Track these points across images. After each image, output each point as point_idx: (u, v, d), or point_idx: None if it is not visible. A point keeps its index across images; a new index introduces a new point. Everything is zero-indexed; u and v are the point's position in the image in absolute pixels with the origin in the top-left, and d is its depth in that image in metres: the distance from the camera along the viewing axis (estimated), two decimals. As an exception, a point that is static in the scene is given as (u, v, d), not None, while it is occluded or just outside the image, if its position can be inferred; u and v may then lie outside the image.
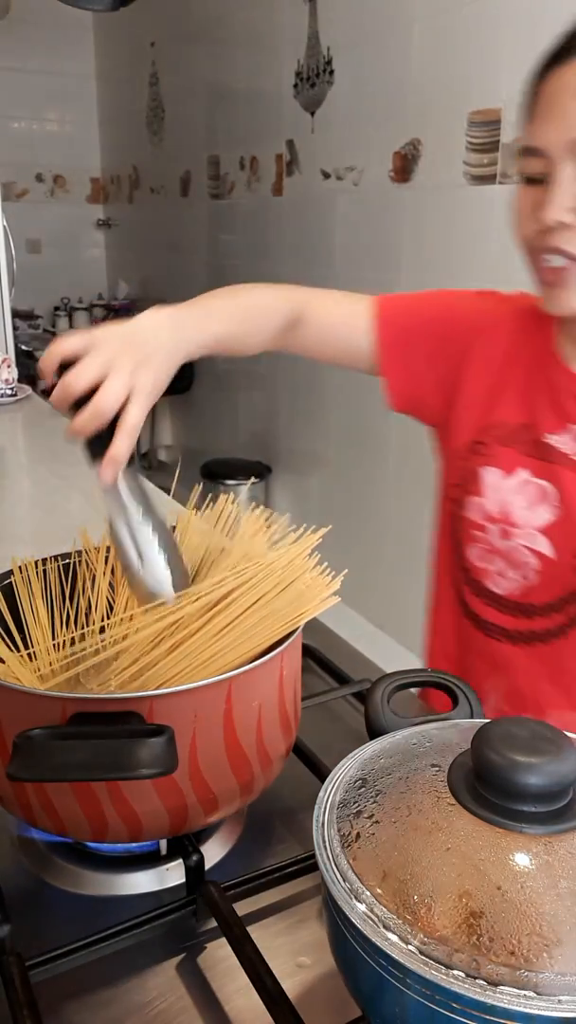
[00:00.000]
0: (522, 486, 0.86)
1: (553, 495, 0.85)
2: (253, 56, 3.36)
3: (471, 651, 0.94)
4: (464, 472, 0.91)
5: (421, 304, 0.97)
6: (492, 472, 0.88)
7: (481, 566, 0.90)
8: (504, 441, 0.89)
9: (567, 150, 0.73)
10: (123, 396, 0.65)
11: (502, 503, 0.87)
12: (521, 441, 0.88)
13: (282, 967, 0.54)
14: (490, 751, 0.43)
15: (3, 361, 2.25)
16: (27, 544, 1.27)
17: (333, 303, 0.95)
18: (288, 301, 0.90)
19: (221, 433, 4.03)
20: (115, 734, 0.51)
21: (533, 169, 0.77)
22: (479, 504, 0.89)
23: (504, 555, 0.88)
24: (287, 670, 0.62)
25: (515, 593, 0.88)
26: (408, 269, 2.59)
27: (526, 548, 0.86)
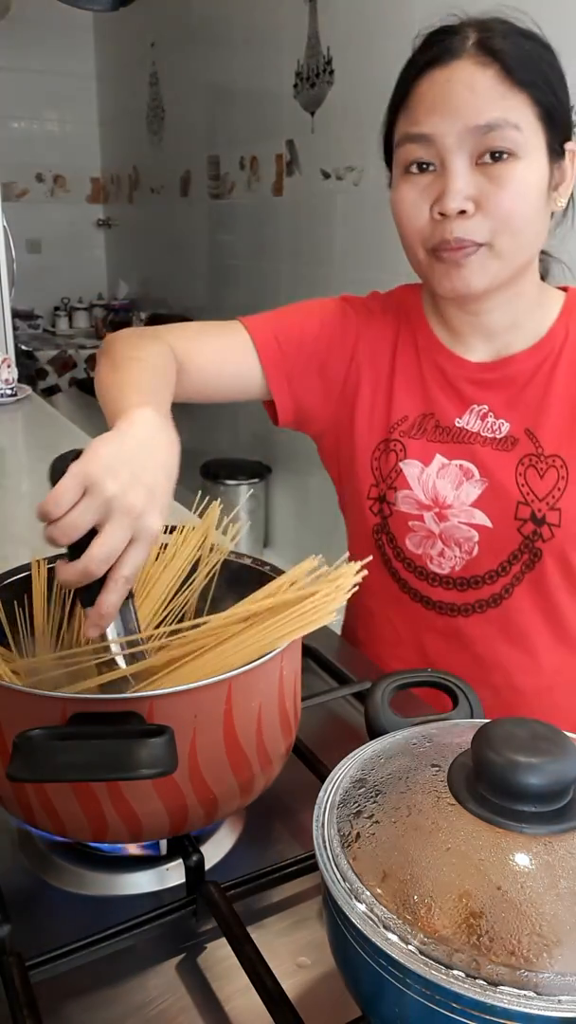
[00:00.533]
0: (443, 470, 0.92)
1: (474, 471, 0.90)
2: (253, 56, 3.36)
3: (428, 632, 0.97)
4: (383, 471, 0.95)
5: (296, 320, 0.98)
6: (411, 464, 0.93)
7: (420, 552, 0.94)
8: (411, 434, 0.93)
9: (458, 140, 0.76)
10: (121, 547, 0.57)
11: (430, 489, 0.92)
12: (427, 430, 0.93)
13: (282, 967, 0.54)
14: (490, 751, 0.43)
15: (3, 361, 2.25)
16: (27, 544, 1.27)
17: (210, 343, 0.95)
18: (171, 351, 0.87)
19: (221, 433, 4.03)
20: (115, 734, 0.51)
21: (419, 155, 0.80)
22: (409, 496, 0.93)
23: (442, 536, 0.92)
24: (287, 670, 0.62)
25: (458, 569, 0.93)
26: (408, 269, 2.58)
27: (465, 524, 0.91)
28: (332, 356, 0.97)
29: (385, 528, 0.96)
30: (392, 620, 1.01)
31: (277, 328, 0.96)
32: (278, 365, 0.96)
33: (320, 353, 0.97)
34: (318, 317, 0.98)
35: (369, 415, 0.96)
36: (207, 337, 0.95)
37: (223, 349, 0.95)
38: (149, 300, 4.89)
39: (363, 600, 1.03)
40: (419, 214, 0.81)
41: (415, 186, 0.81)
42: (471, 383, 0.91)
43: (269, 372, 0.96)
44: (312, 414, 1.00)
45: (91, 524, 0.56)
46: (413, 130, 0.79)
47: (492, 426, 0.90)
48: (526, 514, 0.88)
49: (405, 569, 0.96)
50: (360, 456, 0.97)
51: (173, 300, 4.56)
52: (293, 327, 0.97)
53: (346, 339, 0.97)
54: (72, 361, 4.56)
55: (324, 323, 0.97)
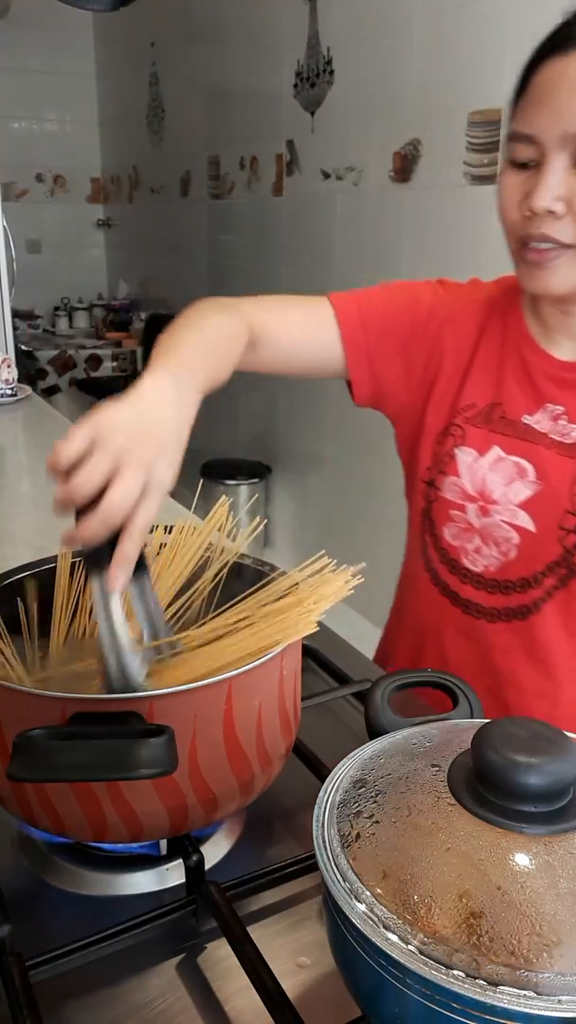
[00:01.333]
0: (497, 464, 0.89)
1: (530, 471, 0.87)
2: (253, 56, 3.36)
3: (449, 628, 0.96)
4: (438, 455, 0.93)
5: (383, 298, 0.96)
6: (466, 452, 0.91)
7: (457, 544, 0.92)
8: (475, 422, 0.91)
9: (560, 142, 0.75)
10: (136, 493, 0.57)
11: (479, 481, 0.89)
12: (492, 420, 0.90)
13: (282, 967, 0.54)
14: (490, 751, 0.43)
15: (3, 361, 2.25)
16: (27, 544, 1.27)
17: (293, 315, 0.93)
18: (243, 321, 0.85)
19: (221, 433, 4.03)
20: (115, 734, 0.51)
21: (523, 155, 0.78)
22: (456, 484, 0.91)
23: (482, 532, 0.90)
24: (287, 670, 0.62)
25: (492, 570, 0.90)
26: (408, 269, 2.59)
27: (506, 523, 0.88)
28: (415, 338, 0.94)
29: (429, 513, 0.94)
30: (420, 613, 0.99)
31: (362, 305, 0.94)
32: (359, 342, 0.94)
33: (403, 334, 0.94)
34: (405, 298, 0.96)
35: (441, 398, 0.94)
36: (290, 310, 0.93)
37: (305, 323, 0.93)
38: (149, 300, 4.89)
39: (402, 590, 1.04)
40: (513, 207, 0.80)
41: (514, 179, 0.80)
42: (551, 380, 0.88)
43: (349, 349, 0.93)
44: (390, 394, 0.97)
45: (105, 476, 0.56)
46: (519, 129, 0.78)
47: (562, 429, 0.87)
48: (571, 524, 0.85)
49: (439, 559, 0.95)
50: (426, 438, 0.95)
51: (173, 300, 4.56)
52: (378, 306, 0.95)
53: (432, 321, 0.94)
54: (72, 361, 4.56)
55: (410, 304, 0.95)
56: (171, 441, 0.62)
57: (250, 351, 0.86)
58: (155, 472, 0.58)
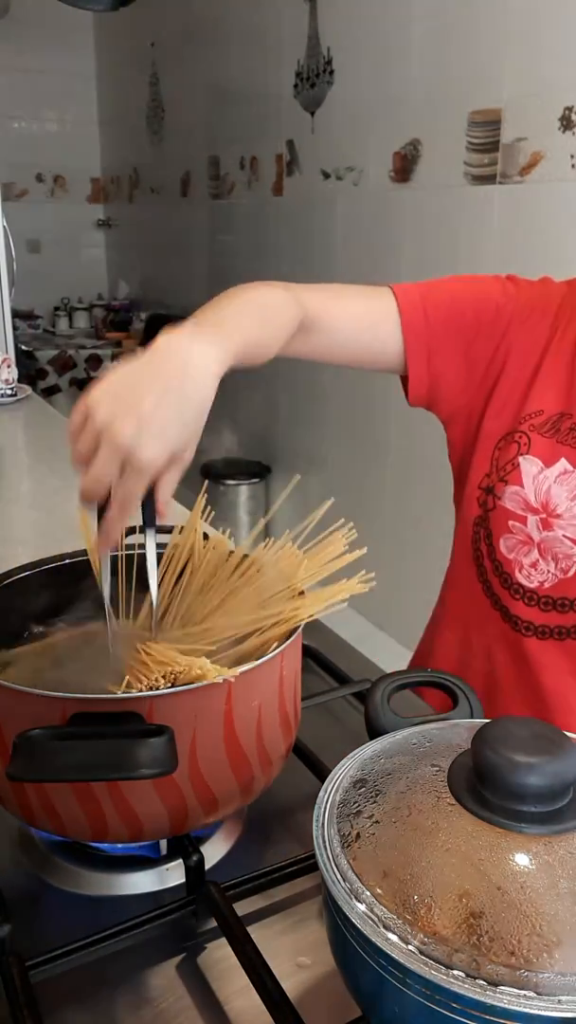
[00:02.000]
0: (564, 476, 0.85)
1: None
2: (253, 56, 3.36)
3: (498, 646, 0.92)
4: (499, 462, 0.89)
5: (448, 291, 0.90)
6: (531, 461, 0.86)
7: (511, 557, 0.88)
8: (542, 430, 0.87)
9: None
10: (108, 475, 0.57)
11: (543, 493, 0.85)
12: (560, 430, 0.86)
13: (282, 967, 0.54)
14: (490, 751, 0.43)
15: (3, 361, 2.25)
16: (27, 544, 1.27)
17: (352, 303, 0.88)
18: (298, 303, 0.80)
19: (221, 433, 4.03)
20: (115, 734, 0.51)
21: None
22: (518, 494, 0.87)
23: (541, 546, 0.86)
24: (287, 670, 0.62)
25: (547, 586, 0.86)
26: (408, 269, 2.59)
27: (568, 540, 0.84)
28: (480, 336, 0.89)
29: (485, 522, 0.90)
30: (467, 624, 0.96)
31: (426, 297, 0.89)
32: (420, 335, 0.88)
33: (468, 330, 0.89)
34: (473, 293, 0.90)
35: (504, 402, 0.89)
36: (349, 296, 0.88)
37: (365, 311, 0.88)
38: (149, 300, 4.89)
39: (447, 600, 1.00)
40: None
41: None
42: None
43: (409, 342, 0.88)
44: (446, 394, 0.92)
45: (88, 452, 0.57)
46: None
47: None
48: None
49: (492, 571, 0.91)
50: (483, 443, 0.91)
51: (173, 300, 4.56)
52: (443, 299, 0.89)
53: (498, 320, 0.89)
54: (72, 361, 4.57)
55: (479, 299, 0.90)
56: (165, 406, 0.58)
57: (303, 335, 0.82)
58: (132, 453, 0.56)
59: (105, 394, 0.58)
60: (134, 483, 0.57)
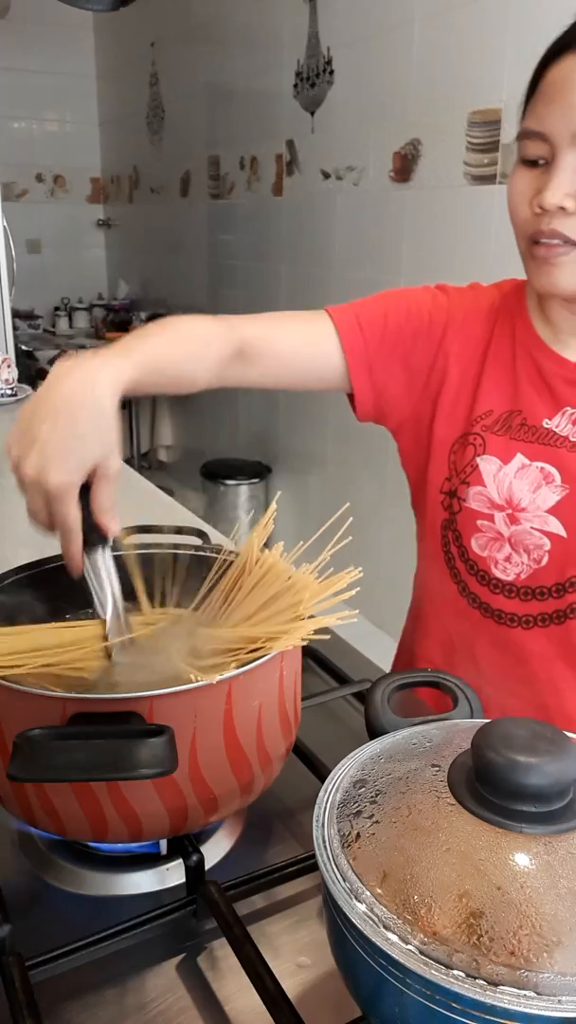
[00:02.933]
0: (522, 471, 0.88)
1: (557, 476, 0.86)
2: (253, 56, 3.36)
3: (482, 639, 0.94)
4: (458, 465, 0.91)
5: (381, 307, 0.94)
6: (489, 461, 0.89)
7: (485, 555, 0.91)
8: (494, 429, 0.89)
9: (571, 139, 0.75)
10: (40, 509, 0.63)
11: (506, 490, 0.88)
12: (512, 427, 0.89)
13: (282, 967, 0.54)
14: (490, 751, 0.43)
15: (3, 361, 2.25)
16: (27, 544, 1.26)
17: (291, 329, 0.92)
18: (231, 332, 0.84)
19: (221, 433, 4.03)
20: (115, 734, 0.51)
21: (534, 152, 0.78)
22: (481, 493, 0.89)
23: (512, 540, 0.88)
24: (287, 670, 0.62)
25: (523, 577, 0.89)
26: (408, 269, 2.59)
27: (537, 531, 0.87)
28: (418, 345, 0.93)
29: (452, 525, 0.93)
30: (447, 625, 0.98)
31: (361, 315, 0.93)
32: (360, 353, 0.92)
33: (405, 342, 0.93)
34: (405, 305, 0.94)
35: (452, 407, 0.92)
36: (287, 322, 0.92)
37: (303, 334, 0.92)
38: (149, 300, 4.89)
39: (422, 602, 1.02)
40: (524, 204, 0.80)
41: (525, 177, 0.80)
42: (567, 383, 0.87)
43: (350, 360, 0.92)
44: (393, 406, 0.96)
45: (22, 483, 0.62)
46: (530, 127, 0.78)
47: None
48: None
49: (467, 571, 0.93)
50: (437, 449, 0.93)
51: (173, 300, 4.56)
52: (377, 315, 0.93)
53: (434, 328, 0.93)
54: (72, 361, 4.56)
55: (411, 311, 0.93)
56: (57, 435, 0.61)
57: (245, 363, 0.86)
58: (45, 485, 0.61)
59: (13, 435, 0.62)
60: (59, 509, 0.61)
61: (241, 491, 3.62)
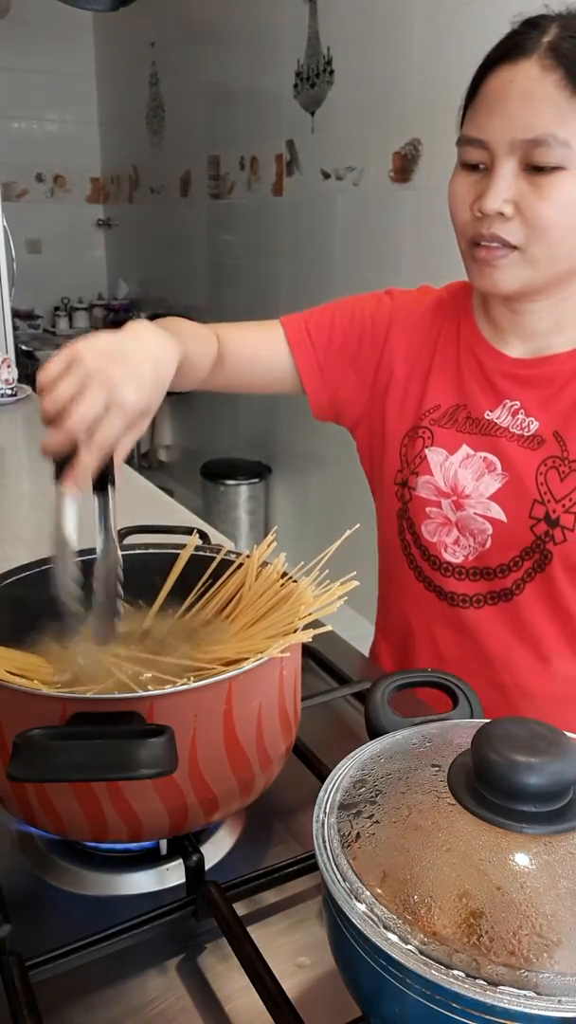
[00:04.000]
0: (467, 460, 0.93)
1: (498, 465, 0.91)
2: (253, 56, 3.36)
3: (438, 621, 0.99)
4: (408, 457, 0.97)
5: (329, 313, 1.01)
6: (437, 452, 0.94)
7: (435, 540, 0.96)
8: (442, 423, 0.95)
9: (508, 147, 0.79)
10: (95, 412, 0.61)
11: (451, 478, 0.94)
12: (458, 420, 0.94)
13: (282, 967, 0.54)
14: (490, 751, 0.43)
15: (3, 361, 2.25)
16: (27, 544, 1.27)
17: (247, 334, 0.99)
18: (213, 334, 0.92)
19: (221, 433, 4.03)
20: (115, 734, 0.51)
21: (474, 157, 0.83)
22: (429, 482, 0.95)
23: (458, 525, 0.94)
24: (287, 670, 0.62)
25: (471, 559, 0.94)
26: (408, 269, 2.59)
27: (480, 516, 0.92)
28: (363, 347, 0.99)
29: (405, 513, 0.98)
30: (405, 610, 1.02)
31: (309, 322, 1.00)
32: (309, 357, 0.99)
33: (351, 344, 1.00)
34: (351, 309, 1.01)
35: (401, 402, 0.98)
36: (246, 329, 1.00)
37: (258, 340, 1.00)
38: (149, 300, 4.89)
39: (385, 590, 1.07)
40: (464, 207, 0.85)
41: (465, 181, 0.85)
42: (506, 377, 0.92)
43: (300, 363, 1.00)
44: (346, 405, 1.03)
45: (72, 392, 0.61)
46: (470, 134, 0.83)
47: (521, 423, 0.91)
48: (540, 513, 0.89)
49: (421, 556, 0.98)
50: (390, 442, 0.99)
51: (173, 300, 4.56)
52: (325, 320, 1.00)
53: (377, 329, 0.99)
54: (72, 361, 4.56)
55: (356, 315, 1.00)
56: (144, 364, 0.66)
57: (218, 366, 0.94)
58: (118, 392, 0.62)
59: (91, 347, 0.64)
60: (117, 423, 0.62)
61: (241, 491, 3.62)
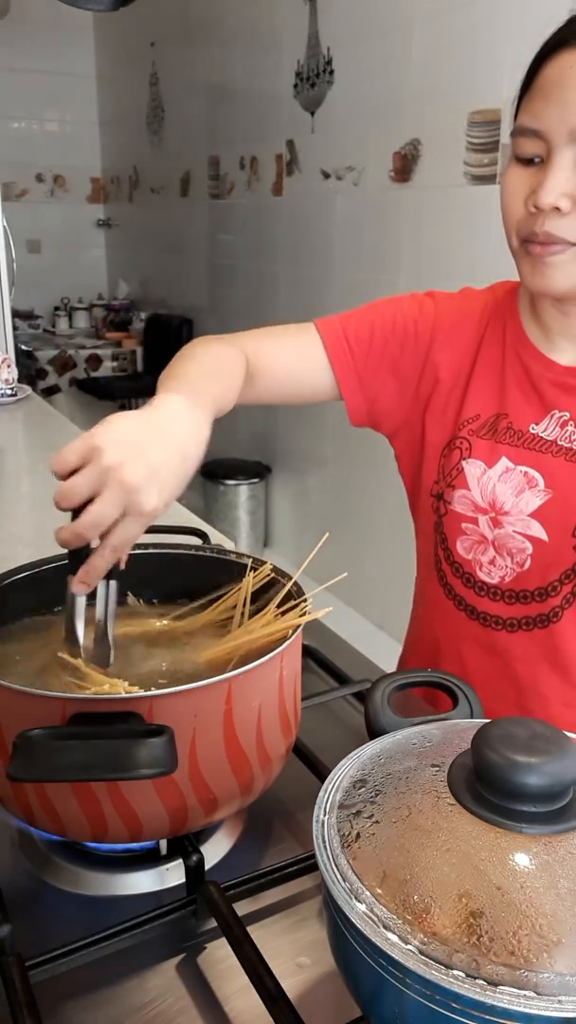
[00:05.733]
0: (506, 475, 0.88)
1: (540, 481, 0.86)
2: (253, 56, 3.36)
3: (467, 641, 0.94)
4: (445, 468, 0.92)
5: (368, 318, 0.95)
6: (474, 464, 0.89)
7: (470, 558, 0.91)
8: (480, 433, 0.90)
9: (568, 137, 0.73)
10: (109, 518, 0.58)
11: (489, 493, 0.89)
12: (498, 431, 0.89)
13: (282, 967, 0.54)
14: (490, 751, 0.43)
15: (3, 361, 2.25)
16: (27, 544, 1.27)
17: (282, 345, 0.94)
18: (242, 354, 0.87)
19: (221, 433, 4.01)
20: (115, 734, 0.51)
21: (530, 150, 0.77)
22: (466, 497, 0.90)
23: (495, 544, 0.89)
24: (287, 670, 0.62)
25: (507, 580, 0.89)
26: (408, 269, 2.59)
27: (519, 534, 0.87)
28: (405, 354, 0.94)
29: (440, 528, 0.93)
30: (434, 627, 0.98)
31: (347, 327, 0.94)
32: (347, 365, 0.94)
33: (392, 351, 0.94)
34: (392, 315, 0.95)
35: (442, 411, 0.93)
36: (278, 339, 0.94)
37: (293, 350, 0.94)
38: (149, 300, 4.89)
39: (416, 605, 1.03)
40: (517, 203, 0.79)
41: (520, 175, 0.79)
42: (555, 386, 0.86)
43: (338, 372, 0.94)
44: (385, 413, 0.98)
45: (87, 492, 0.57)
46: (526, 124, 0.77)
47: (570, 436, 0.85)
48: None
49: (453, 574, 0.93)
50: (429, 453, 0.94)
51: (173, 300, 4.56)
52: (364, 326, 0.94)
53: (421, 336, 0.94)
54: (72, 361, 4.57)
55: (397, 321, 0.94)
56: (171, 462, 0.61)
57: (249, 383, 0.87)
58: (137, 498, 0.58)
59: (113, 439, 0.59)
60: (134, 528, 0.59)
61: (241, 491, 3.62)
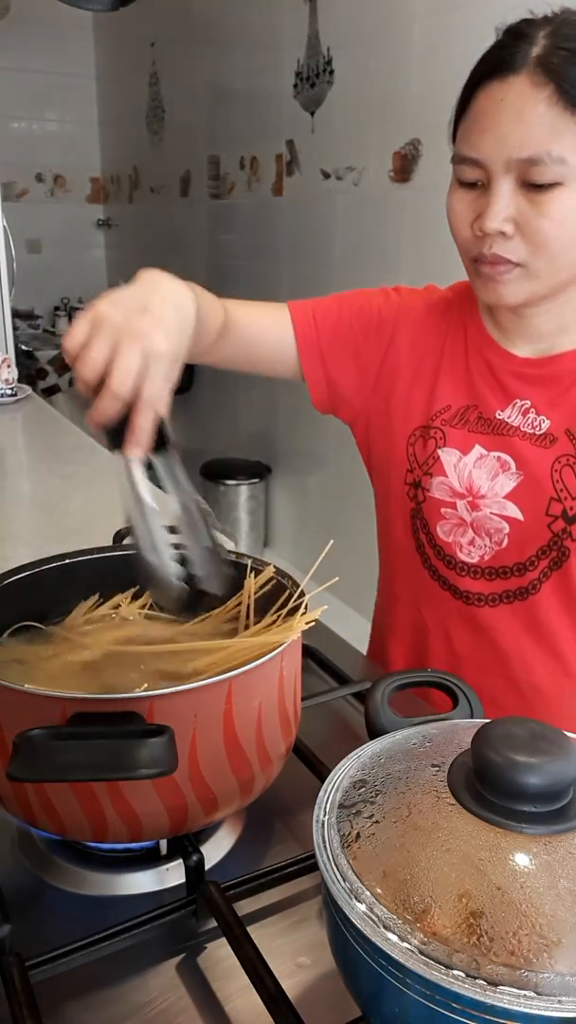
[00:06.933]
0: (480, 461, 0.93)
1: (512, 464, 0.91)
2: (253, 56, 3.36)
3: (454, 620, 0.98)
4: (419, 457, 0.97)
5: (336, 305, 1.00)
6: (450, 452, 0.94)
7: (450, 540, 0.96)
8: (453, 423, 0.95)
9: (504, 166, 0.78)
10: (137, 368, 0.60)
11: (466, 479, 0.93)
12: (469, 420, 0.94)
13: (282, 967, 0.54)
14: (490, 751, 0.43)
15: (3, 361, 2.25)
16: (27, 544, 1.27)
17: (254, 310, 0.98)
18: (221, 304, 0.91)
19: (221, 433, 4.02)
20: (115, 734, 0.51)
21: (471, 175, 0.82)
22: (444, 483, 0.94)
23: (474, 525, 0.94)
24: (287, 670, 0.62)
25: (487, 559, 0.94)
26: (408, 269, 2.59)
27: (496, 515, 0.92)
28: (368, 343, 0.99)
29: (419, 513, 0.98)
30: (420, 609, 1.02)
31: (317, 309, 0.99)
32: (311, 342, 0.99)
33: (355, 338, 0.99)
34: (358, 304, 1.00)
35: (406, 403, 0.98)
36: (253, 306, 0.99)
37: (265, 317, 0.99)
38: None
39: (393, 588, 1.06)
40: (464, 226, 0.84)
41: (464, 199, 0.84)
42: (515, 377, 0.92)
43: (302, 347, 0.99)
44: (345, 398, 1.02)
45: (107, 352, 0.60)
46: (465, 153, 0.82)
47: (532, 422, 0.91)
48: (557, 511, 0.89)
49: (436, 556, 0.98)
50: (397, 442, 0.99)
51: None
52: (332, 311, 0.99)
53: (383, 327, 0.99)
54: (72, 361, 4.56)
55: (362, 310, 0.99)
56: (167, 310, 0.65)
57: (223, 337, 0.91)
58: (151, 344, 0.61)
59: (112, 303, 0.63)
60: (158, 376, 0.61)
61: (241, 491, 3.62)
